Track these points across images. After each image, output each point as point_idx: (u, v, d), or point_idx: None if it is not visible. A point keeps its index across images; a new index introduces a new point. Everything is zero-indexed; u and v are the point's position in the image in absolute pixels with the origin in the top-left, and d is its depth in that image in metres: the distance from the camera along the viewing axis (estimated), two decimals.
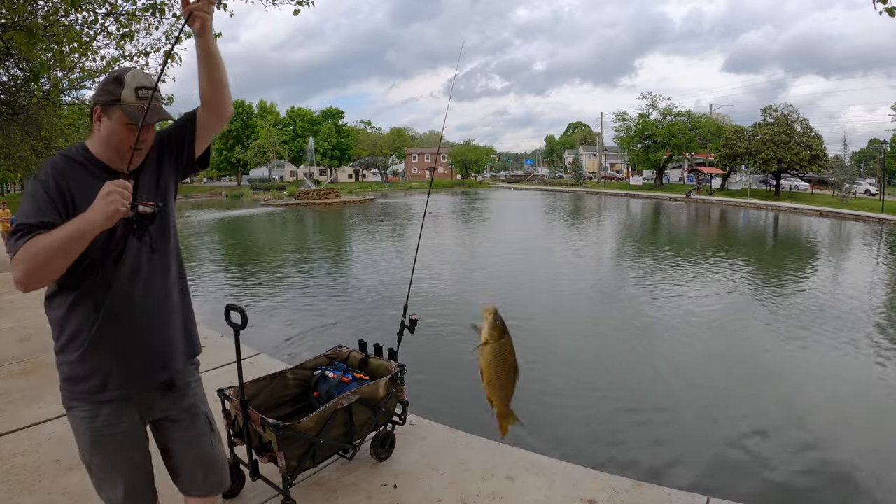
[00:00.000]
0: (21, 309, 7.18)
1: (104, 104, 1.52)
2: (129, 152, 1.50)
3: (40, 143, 11.01)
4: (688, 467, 4.08)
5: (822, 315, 8.55)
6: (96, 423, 1.57)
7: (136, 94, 1.50)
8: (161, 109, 1.55)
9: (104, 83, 1.54)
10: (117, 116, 1.51)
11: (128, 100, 1.50)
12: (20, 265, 1.34)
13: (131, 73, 1.53)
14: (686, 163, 53.08)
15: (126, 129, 1.51)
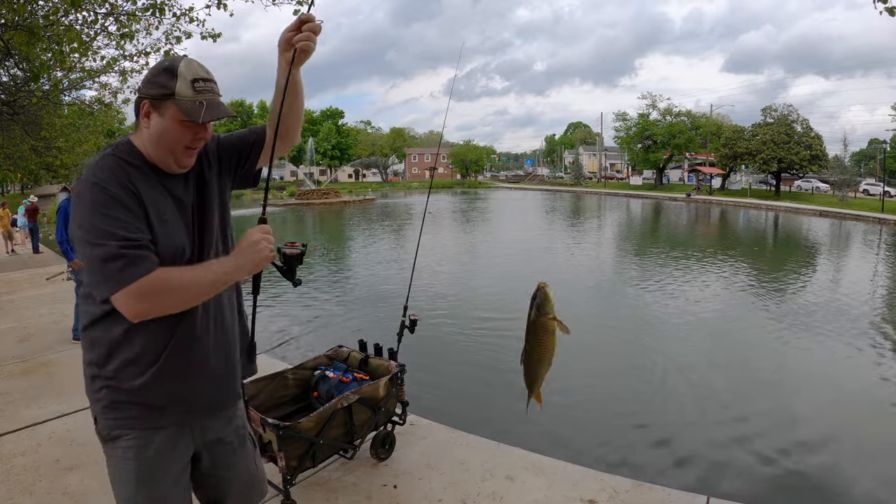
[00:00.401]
0: (21, 309, 7.18)
1: (155, 98, 1.31)
2: (184, 152, 1.36)
3: (40, 143, 11.01)
4: (688, 467, 4.08)
5: (822, 315, 8.55)
6: (148, 451, 1.40)
7: (193, 86, 1.30)
8: (222, 105, 1.36)
9: (154, 74, 1.32)
10: (171, 113, 1.31)
11: (183, 94, 1.30)
12: (148, 298, 1.21)
13: (185, 63, 1.32)
14: (686, 163, 53.09)
15: (181, 126, 1.32)
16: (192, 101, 1.30)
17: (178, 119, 1.31)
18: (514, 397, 5.35)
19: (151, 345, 1.35)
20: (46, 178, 23.12)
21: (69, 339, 5.58)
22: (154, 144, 1.34)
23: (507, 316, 8.37)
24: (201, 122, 1.30)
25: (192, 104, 1.30)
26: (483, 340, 7.16)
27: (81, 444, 3.26)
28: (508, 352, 6.68)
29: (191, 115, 1.29)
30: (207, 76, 1.34)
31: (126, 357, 1.35)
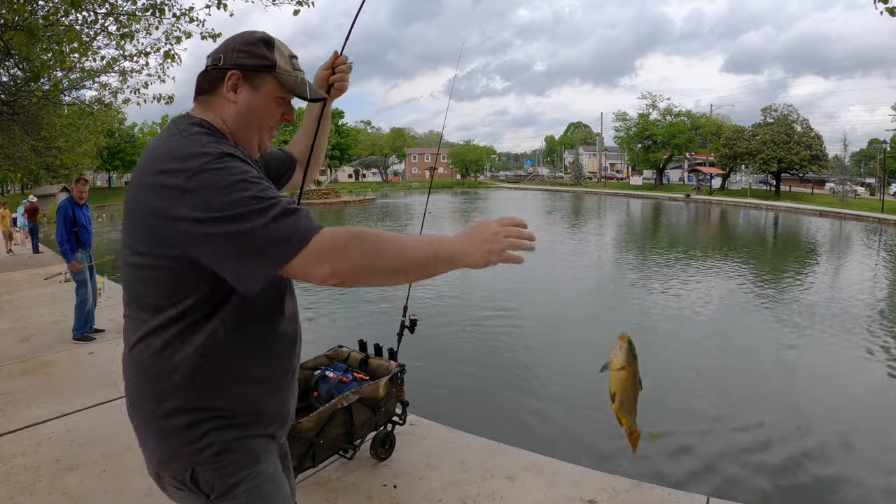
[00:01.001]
0: (21, 309, 7.18)
1: (249, 69, 1.13)
2: (268, 133, 1.20)
3: (40, 143, 11.02)
4: (688, 467, 4.08)
5: (823, 315, 8.55)
6: (277, 474, 1.21)
7: (291, 62, 1.18)
8: (310, 83, 1.24)
9: (247, 44, 1.14)
10: (269, 88, 1.15)
11: (284, 67, 1.16)
12: (351, 257, 0.95)
13: (278, 39, 1.19)
14: (686, 163, 53.11)
15: (274, 103, 1.17)
16: (293, 76, 1.18)
17: (275, 95, 1.16)
18: (514, 397, 5.36)
19: (253, 354, 1.12)
20: (46, 178, 23.11)
21: (69, 339, 5.58)
22: (241, 121, 1.15)
23: (507, 316, 8.37)
24: (310, 98, 1.21)
25: (295, 80, 1.18)
26: (483, 340, 7.16)
27: (81, 444, 3.26)
28: (509, 352, 6.69)
29: (296, 90, 1.17)
30: (295, 55, 1.22)
31: (236, 375, 1.10)
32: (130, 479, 2.83)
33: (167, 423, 1.08)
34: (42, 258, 13.31)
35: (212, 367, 1.07)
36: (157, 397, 1.08)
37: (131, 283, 1.09)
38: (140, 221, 1.02)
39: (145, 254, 1.03)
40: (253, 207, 0.93)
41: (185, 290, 1.04)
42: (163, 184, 0.97)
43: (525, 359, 6.44)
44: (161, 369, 1.07)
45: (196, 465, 1.08)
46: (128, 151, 59.77)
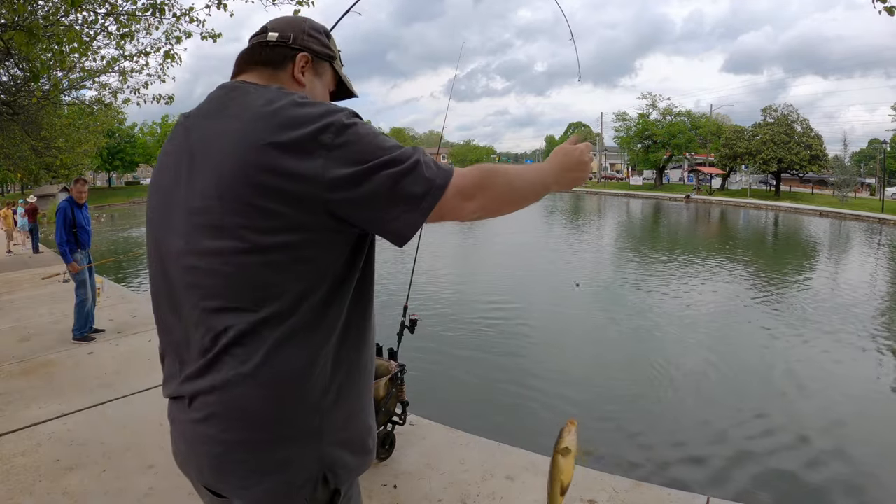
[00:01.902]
0: (21, 309, 7.19)
1: (320, 57, 1.10)
2: None
3: (40, 143, 11.01)
4: (688, 467, 4.08)
5: (823, 316, 8.55)
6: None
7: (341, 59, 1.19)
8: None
9: (313, 29, 1.12)
10: (328, 77, 1.13)
11: (340, 62, 1.18)
12: (493, 190, 0.94)
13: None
14: (686, 163, 53.09)
15: (325, 94, 1.14)
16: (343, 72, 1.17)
17: (329, 85, 1.14)
18: (514, 397, 5.35)
19: (367, 350, 1.04)
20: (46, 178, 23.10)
21: (69, 339, 5.58)
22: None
23: (507, 316, 8.38)
24: (357, 94, 1.21)
25: (346, 76, 1.17)
26: (483, 340, 7.16)
27: (81, 444, 3.26)
28: (509, 352, 6.69)
29: (349, 84, 1.18)
30: None
31: (360, 366, 1.02)
32: (130, 479, 2.83)
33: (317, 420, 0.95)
34: (42, 258, 13.31)
35: (342, 353, 0.97)
36: (308, 388, 0.93)
37: (240, 282, 0.88)
38: (262, 192, 0.85)
39: (271, 230, 0.86)
40: (399, 152, 0.89)
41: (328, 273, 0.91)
42: (303, 142, 0.86)
43: (525, 359, 6.44)
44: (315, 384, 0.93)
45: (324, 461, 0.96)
46: (128, 151, 59.79)
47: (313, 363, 0.91)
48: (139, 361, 4.84)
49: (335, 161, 0.86)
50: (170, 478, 2.86)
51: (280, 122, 0.87)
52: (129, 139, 55.70)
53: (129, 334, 5.75)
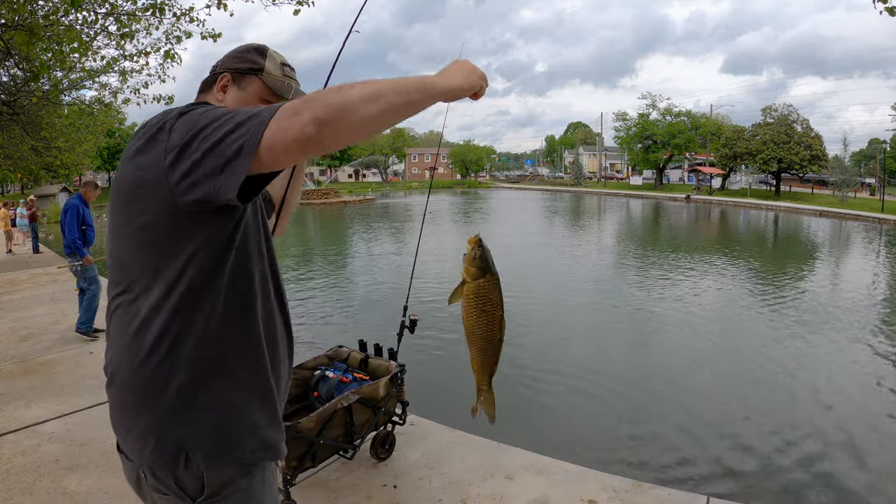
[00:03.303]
0: (21, 309, 7.19)
1: (238, 72, 1.23)
2: None
3: (40, 143, 11.01)
4: (688, 467, 4.08)
5: (824, 316, 8.55)
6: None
7: (282, 69, 1.27)
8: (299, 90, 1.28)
9: (241, 52, 1.26)
10: (255, 88, 1.22)
11: (272, 72, 1.25)
12: (327, 98, 0.88)
13: (271, 49, 1.29)
14: (686, 163, 53.09)
15: (259, 104, 1.20)
16: (280, 80, 1.25)
17: (260, 95, 1.23)
18: (515, 397, 5.35)
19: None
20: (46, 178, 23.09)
21: (69, 339, 5.59)
22: None
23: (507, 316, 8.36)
24: (280, 94, 1.23)
25: (282, 83, 1.25)
26: None
27: (81, 444, 3.26)
28: (509, 352, 6.68)
29: (280, 91, 1.23)
30: (292, 65, 1.31)
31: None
32: None
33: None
34: (42, 258, 13.31)
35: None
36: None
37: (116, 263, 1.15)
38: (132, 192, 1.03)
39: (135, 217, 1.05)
40: (223, 118, 0.93)
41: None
42: (151, 137, 1.00)
43: (525, 359, 6.43)
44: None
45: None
46: None
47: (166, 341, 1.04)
48: None
49: (169, 144, 0.95)
50: None
51: (143, 131, 1.03)
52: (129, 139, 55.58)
53: None
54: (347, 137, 0.92)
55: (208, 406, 1.07)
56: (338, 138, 0.90)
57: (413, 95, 0.95)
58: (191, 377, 1.05)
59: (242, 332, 1.10)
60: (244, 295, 1.10)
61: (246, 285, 1.10)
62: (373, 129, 0.94)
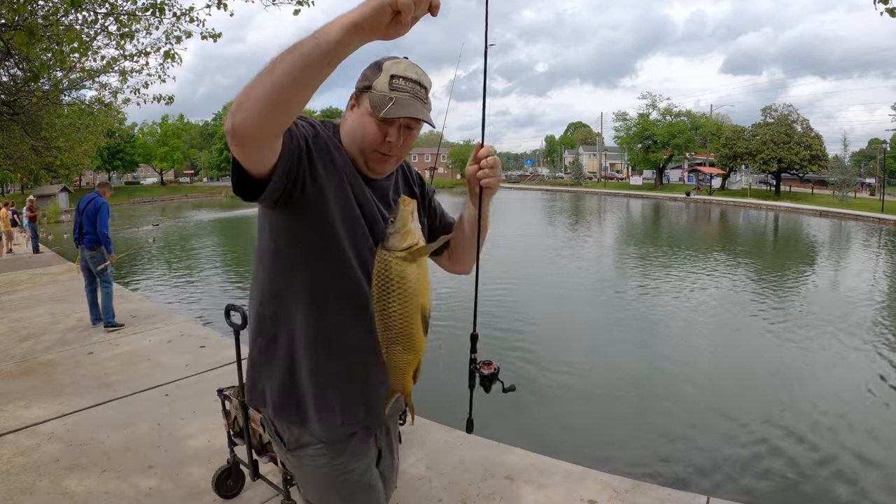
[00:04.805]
0: (21, 309, 7.18)
1: (359, 91, 1.26)
2: (372, 155, 1.25)
3: (40, 143, 11.01)
4: (688, 467, 4.08)
5: (824, 317, 8.55)
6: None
7: (391, 82, 1.21)
8: (412, 106, 1.21)
9: (366, 69, 1.28)
10: (365, 106, 1.23)
11: (379, 88, 1.21)
12: (241, 92, 0.93)
13: (394, 61, 1.24)
14: (686, 163, 53.06)
15: (371, 122, 1.22)
16: (382, 95, 1.21)
17: (368, 113, 1.23)
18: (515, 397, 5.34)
19: None
20: (46, 178, 23.09)
21: (69, 339, 5.59)
22: (349, 136, 1.28)
23: (506, 315, 8.37)
24: (380, 116, 1.19)
25: (381, 98, 1.20)
26: (482, 340, 7.14)
27: (81, 444, 3.26)
28: (508, 351, 6.68)
29: (376, 107, 1.20)
30: (414, 77, 1.23)
31: None
32: (130, 479, 2.83)
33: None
34: (42, 258, 13.31)
35: None
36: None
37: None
38: None
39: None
40: None
41: None
42: None
43: (525, 358, 6.43)
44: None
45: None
46: (128, 151, 59.78)
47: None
48: (139, 361, 4.84)
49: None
50: (170, 478, 2.86)
51: None
52: (129, 139, 55.66)
53: (129, 334, 5.75)
54: (256, 118, 0.92)
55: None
56: (248, 122, 0.92)
57: (304, 48, 0.89)
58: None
59: None
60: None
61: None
62: (276, 99, 0.91)
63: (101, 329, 5.91)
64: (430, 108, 1.29)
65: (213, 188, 62.97)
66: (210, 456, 3.04)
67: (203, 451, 3.13)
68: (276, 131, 1.00)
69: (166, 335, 5.66)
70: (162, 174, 69.11)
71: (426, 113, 1.24)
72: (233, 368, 3.09)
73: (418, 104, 1.22)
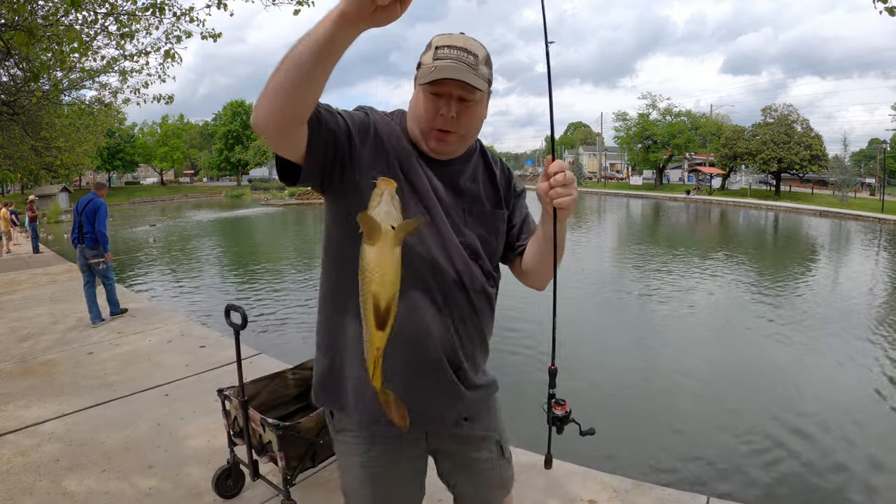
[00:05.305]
0: (21, 309, 7.18)
1: (416, 78, 1.25)
2: (430, 132, 1.22)
3: (40, 143, 11.01)
4: (688, 467, 4.08)
5: (824, 316, 8.55)
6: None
7: (435, 53, 1.18)
8: (453, 69, 1.15)
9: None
10: (417, 84, 1.23)
11: (425, 62, 1.20)
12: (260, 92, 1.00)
13: (444, 35, 1.22)
14: (686, 163, 53.06)
15: (424, 98, 1.20)
16: (426, 69, 1.18)
17: (419, 89, 1.22)
18: (514, 396, 5.34)
19: None
20: (46, 178, 23.10)
21: (69, 339, 5.59)
22: (410, 119, 1.28)
23: (506, 314, 8.37)
24: (420, 82, 1.18)
25: (426, 70, 1.18)
26: None
27: (81, 444, 3.26)
28: (508, 351, 6.68)
29: (421, 80, 1.18)
30: (460, 45, 1.18)
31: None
32: (130, 479, 2.83)
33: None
34: (42, 258, 13.31)
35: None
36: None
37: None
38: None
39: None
40: None
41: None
42: None
43: (524, 357, 6.43)
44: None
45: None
46: (128, 151, 59.78)
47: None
48: (139, 361, 4.84)
49: None
50: (170, 478, 2.86)
51: None
52: (129, 139, 55.62)
53: (129, 334, 5.75)
54: (268, 113, 0.98)
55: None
56: (262, 117, 0.99)
57: (300, 45, 0.93)
58: None
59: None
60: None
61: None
62: (283, 95, 0.95)
63: (101, 329, 5.92)
64: (486, 75, 1.21)
65: (213, 188, 62.97)
66: (210, 456, 3.04)
67: (203, 451, 3.13)
68: (292, 123, 1.03)
69: (166, 335, 5.66)
70: (162, 174, 69.12)
71: (470, 75, 1.16)
72: (233, 368, 3.09)
73: (461, 68, 1.16)
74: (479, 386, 1.40)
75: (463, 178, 1.32)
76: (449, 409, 1.34)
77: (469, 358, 1.35)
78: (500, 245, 1.39)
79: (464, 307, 1.29)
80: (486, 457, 1.46)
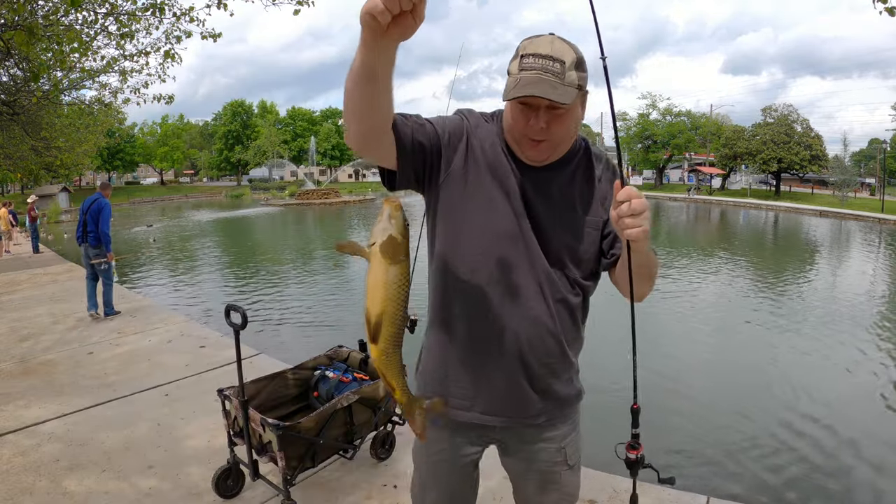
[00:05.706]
0: (21, 309, 7.19)
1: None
2: (523, 141, 1.20)
3: (40, 143, 11.02)
4: (688, 467, 4.08)
5: (826, 317, 8.54)
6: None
7: (521, 62, 1.13)
8: (535, 84, 1.09)
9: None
10: (504, 96, 1.19)
11: (511, 71, 1.16)
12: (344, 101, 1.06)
13: (530, 40, 1.16)
14: (686, 163, 53.06)
15: (514, 108, 1.18)
16: (512, 78, 1.14)
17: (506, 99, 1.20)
18: None
19: None
20: (46, 178, 23.11)
21: (69, 339, 5.59)
22: (505, 125, 1.26)
23: None
24: (503, 99, 1.16)
25: (512, 82, 1.13)
26: None
27: (81, 444, 3.26)
28: None
29: (505, 95, 1.15)
30: (547, 53, 1.11)
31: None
32: (130, 479, 2.83)
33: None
34: (42, 258, 13.31)
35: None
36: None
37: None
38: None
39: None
40: None
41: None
42: None
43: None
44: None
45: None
46: (128, 151, 59.80)
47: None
48: (139, 361, 4.84)
49: None
50: (170, 478, 2.86)
51: None
52: (129, 139, 55.61)
53: (129, 334, 5.75)
54: (351, 128, 1.08)
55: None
56: (349, 134, 1.09)
57: (350, 68, 0.98)
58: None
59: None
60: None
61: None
62: (357, 107, 1.03)
63: (101, 329, 5.92)
64: (575, 81, 1.13)
65: (213, 188, 62.99)
66: (210, 456, 3.04)
67: (203, 451, 3.13)
68: (371, 137, 1.11)
69: (166, 335, 5.66)
70: (162, 174, 69.13)
71: (554, 89, 1.09)
72: (232, 368, 3.09)
73: (546, 81, 1.09)
74: (552, 392, 1.41)
75: (558, 183, 1.28)
76: (516, 412, 1.38)
77: (544, 365, 1.34)
78: (592, 252, 1.34)
79: (541, 314, 1.29)
80: (550, 463, 1.52)
